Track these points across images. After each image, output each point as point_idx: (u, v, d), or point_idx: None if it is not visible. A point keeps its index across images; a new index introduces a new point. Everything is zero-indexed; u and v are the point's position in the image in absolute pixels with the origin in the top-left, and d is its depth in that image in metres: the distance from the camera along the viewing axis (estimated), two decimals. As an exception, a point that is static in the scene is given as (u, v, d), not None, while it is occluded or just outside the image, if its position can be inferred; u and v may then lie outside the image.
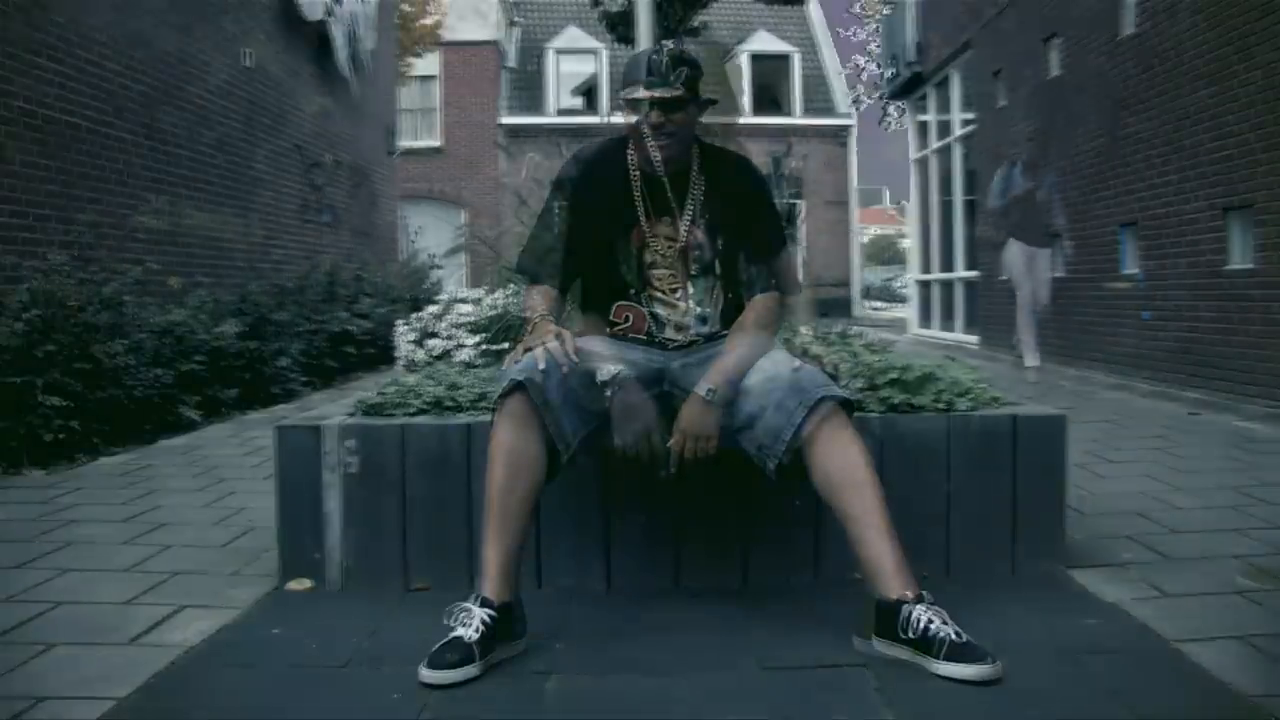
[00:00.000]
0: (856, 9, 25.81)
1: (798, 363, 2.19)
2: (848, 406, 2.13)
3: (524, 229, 4.20)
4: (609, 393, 2.11)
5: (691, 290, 2.37)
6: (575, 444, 2.14)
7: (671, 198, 2.35)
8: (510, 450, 2.07)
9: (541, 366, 2.06)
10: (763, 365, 2.18)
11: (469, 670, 1.92)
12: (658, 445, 2.14)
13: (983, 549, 2.51)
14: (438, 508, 2.49)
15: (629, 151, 2.37)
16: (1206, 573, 2.49)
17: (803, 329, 3.09)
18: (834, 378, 2.66)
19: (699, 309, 2.36)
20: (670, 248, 2.35)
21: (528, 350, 2.11)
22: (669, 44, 2.33)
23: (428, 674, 1.90)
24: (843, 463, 2.06)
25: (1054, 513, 2.55)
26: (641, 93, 2.26)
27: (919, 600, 1.95)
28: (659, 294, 2.37)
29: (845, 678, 1.92)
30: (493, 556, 2.05)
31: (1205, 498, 3.31)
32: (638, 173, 2.36)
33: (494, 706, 1.84)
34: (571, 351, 2.07)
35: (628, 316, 2.37)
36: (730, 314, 2.38)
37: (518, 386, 2.08)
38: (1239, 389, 5.53)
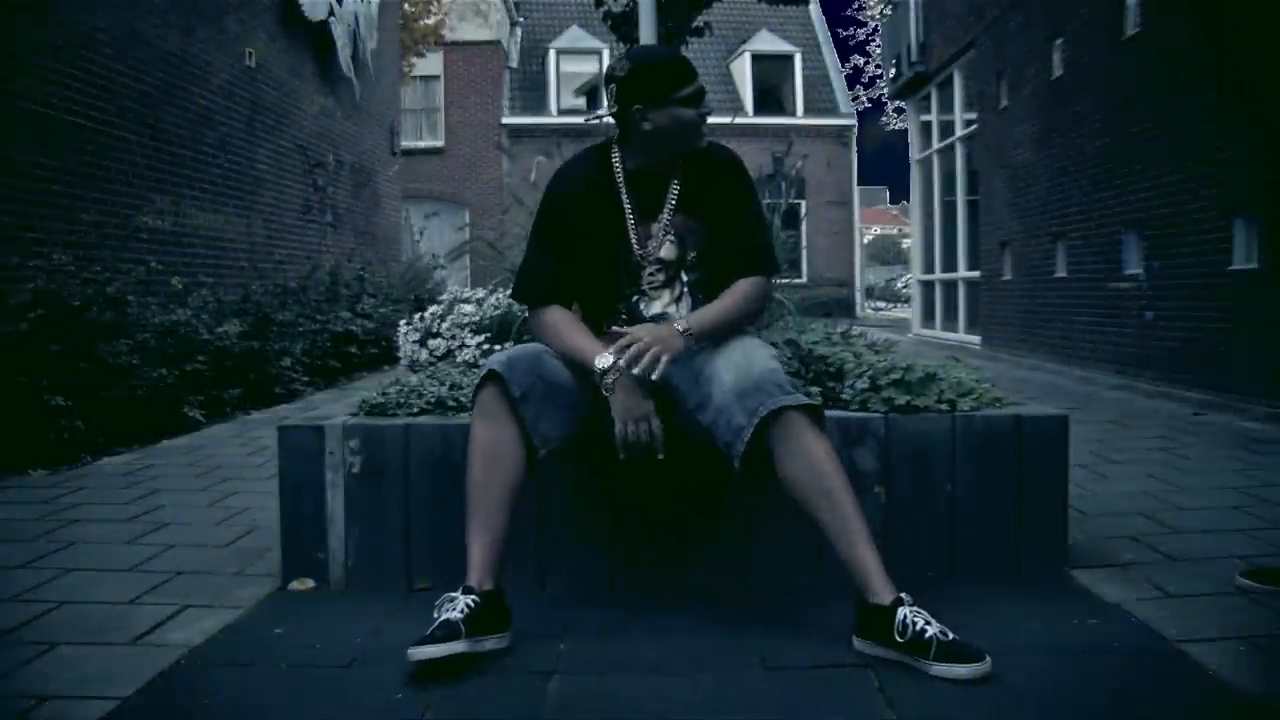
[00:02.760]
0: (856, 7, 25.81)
1: (771, 355, 2.19)
2: (812, 410, 2.07)
3: (522, 230, 4.22)
4: (608, 380, 2.10)
5: (663, 296, 2.35)
6: (555, 441, 2.15)
7: (629, 206, 2.32)
8: (484, 445, 2.10)
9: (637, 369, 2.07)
10: (734, 356, 2.15)
11: (454, 645, 1.92)
12: (657, 429, 2.12)
13: (985, 549, 2.52)
14: (440, 508, 2.49)
15: (613, 157, 2.35)
16: (1208, 573, 2.49)
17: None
18: (840, 373, 2.66)
19: (665, 312, 2.33)
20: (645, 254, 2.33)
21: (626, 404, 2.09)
22: (615, 59, 2.30)
23: (414, 650, 1.91)
24: (806, 466, 2.02)
25: (1056, 513, 2.55)
26: (604, 113, 2.38)
27: (902, 602, 1.96)
28: (648, 296, 2.34)
29: (848, 678, 1.92)
30: (474, 549, 2.09)
31: (1208, 498, 3.30)
32: (621, 177, 2.34)
33: (496, 705, 1.84)
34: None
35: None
36: None
37: (489, 379, 2.10)
38: (1242, 390, 5.52)
